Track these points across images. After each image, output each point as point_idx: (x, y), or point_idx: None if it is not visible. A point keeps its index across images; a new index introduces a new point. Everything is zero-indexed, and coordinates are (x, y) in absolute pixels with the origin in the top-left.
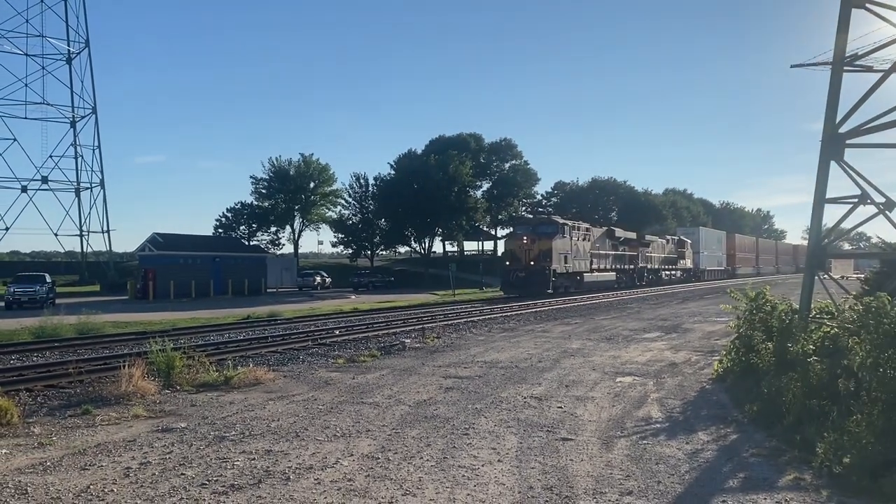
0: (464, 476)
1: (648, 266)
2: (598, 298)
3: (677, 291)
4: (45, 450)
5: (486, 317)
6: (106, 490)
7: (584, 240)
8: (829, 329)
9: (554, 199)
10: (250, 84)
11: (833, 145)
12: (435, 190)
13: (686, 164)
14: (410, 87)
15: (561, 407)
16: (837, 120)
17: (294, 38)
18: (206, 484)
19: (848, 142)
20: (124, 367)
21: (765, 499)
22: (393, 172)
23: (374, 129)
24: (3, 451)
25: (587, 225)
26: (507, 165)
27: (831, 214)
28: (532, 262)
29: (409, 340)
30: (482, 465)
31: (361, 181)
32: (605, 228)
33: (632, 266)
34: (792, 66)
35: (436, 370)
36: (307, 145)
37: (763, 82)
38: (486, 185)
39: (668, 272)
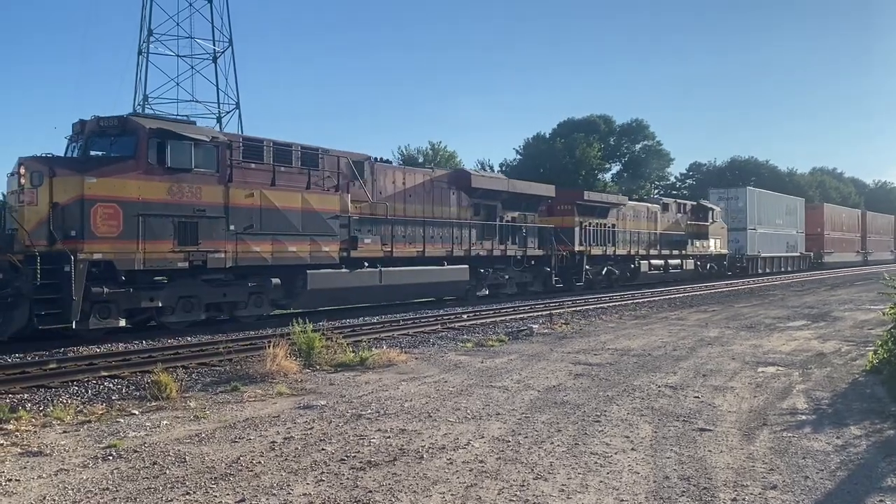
0: (596, 463)
1: (604, 252)
2: (736, 286)
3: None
4: (199, 422)
5: (617, 303)
6: (254, 462)
7: (332, 190)
8: None
9: (689, 181)
10: (378, 74)
11: None
12: (562, 174)
13: (836, 140)
14: (539, 71)
15: (698, 397)
16: None
17: (421, 29)
18: (345, 459)
19: None
20: (269, 347)
21: None
22: (519, 157)
23: (499, 115)
24: (165, 422)
25: (341, 153)
26: (637, 147)
27: None
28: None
29: (536, 326)
30: (615, 453)
31: (486, 168)
32: (444, 171)
33: (540, 251)
34: None
35: (564, 356)
36: (433, 133)
37: None
38: (615, 168)
39: (661, 261)
